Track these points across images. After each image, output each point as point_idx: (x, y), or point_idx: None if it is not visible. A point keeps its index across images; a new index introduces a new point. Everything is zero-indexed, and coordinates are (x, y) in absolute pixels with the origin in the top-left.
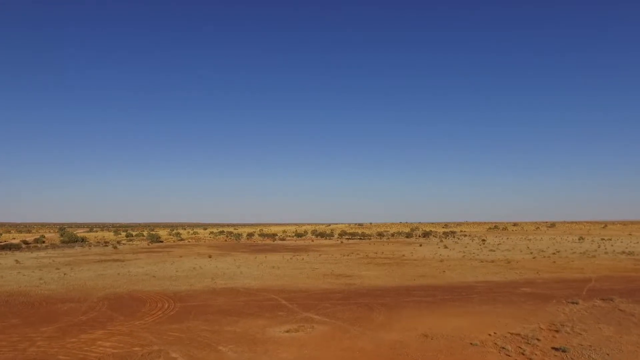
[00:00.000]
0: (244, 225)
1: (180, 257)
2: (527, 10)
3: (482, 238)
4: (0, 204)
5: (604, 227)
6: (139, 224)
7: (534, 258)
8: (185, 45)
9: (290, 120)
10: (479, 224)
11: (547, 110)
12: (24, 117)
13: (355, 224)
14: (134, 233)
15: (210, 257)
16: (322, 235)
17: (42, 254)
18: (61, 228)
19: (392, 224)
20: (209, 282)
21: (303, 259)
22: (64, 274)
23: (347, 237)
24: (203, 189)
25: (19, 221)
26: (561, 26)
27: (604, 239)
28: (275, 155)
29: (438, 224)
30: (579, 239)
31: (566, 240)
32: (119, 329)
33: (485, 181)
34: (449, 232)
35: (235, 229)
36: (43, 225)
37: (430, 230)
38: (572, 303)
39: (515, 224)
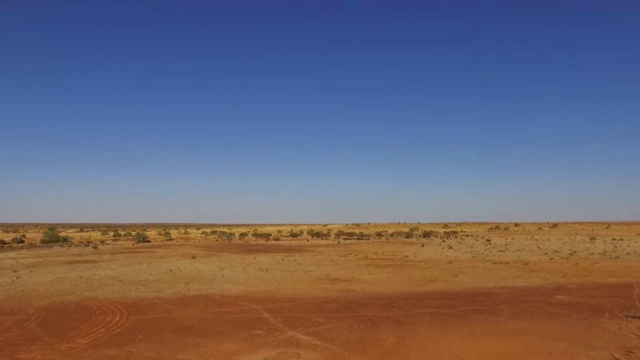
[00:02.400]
0: (240, 225)
1: (161, 258)
2: (527, 10)
3: (487, 238)
4: None
5: (607, 228)
6: (136, 224)
7: (551, 259)
8: (185, 45)
9: (289, 120)
10: (479, 224)
11: (545, 110)
12: (23, 117)
13: (353, 224)
14: (122, 232)
15: (194, 257)
16: (318, 235)
17: (11, 254)
18: (50, 228)
19: (391, 224)
20: (182, 287)
21: (296, 260)
22: (17, 278)
23: (344, 237)
24: (201, 189)
25: (15, 221)
26: (561, 26)
27: (615, 239)
28: (272, 155)
29: (437, 224)
30: (590, 239)
31: (576, 240)
32: (31, 358)
33: (484, 181)
34: (450, 232)
35: (229, 228)
36: (37, 225)
37: (431, 230)
38: (634, 318)
39: (516, 224)
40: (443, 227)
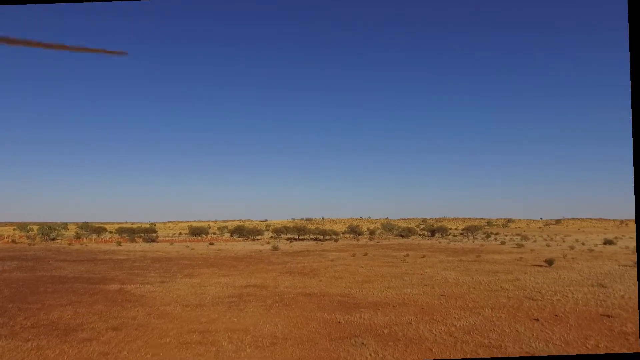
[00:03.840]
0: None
1: None
2: (526, 11)
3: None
4: None
5: (623, 225)
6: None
7: None
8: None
9: (287, 119)
10: (462, 219)
11: (544, 110)
12: (22, 118)
13: (303, 219)
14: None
15: None
16: (241, 233)
17: None
18: None
19: (354, 219)
20: None
21: None
22: None
23: (288, 236)
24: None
25: None
26: (561, 26)
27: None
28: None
29: (412, 219)
30: None
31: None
32: None
33: (478, 178)
34: (434, 228)
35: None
36: None
37: (442, 225)
38: None
39: (508, 220)
40: (421, 223)
